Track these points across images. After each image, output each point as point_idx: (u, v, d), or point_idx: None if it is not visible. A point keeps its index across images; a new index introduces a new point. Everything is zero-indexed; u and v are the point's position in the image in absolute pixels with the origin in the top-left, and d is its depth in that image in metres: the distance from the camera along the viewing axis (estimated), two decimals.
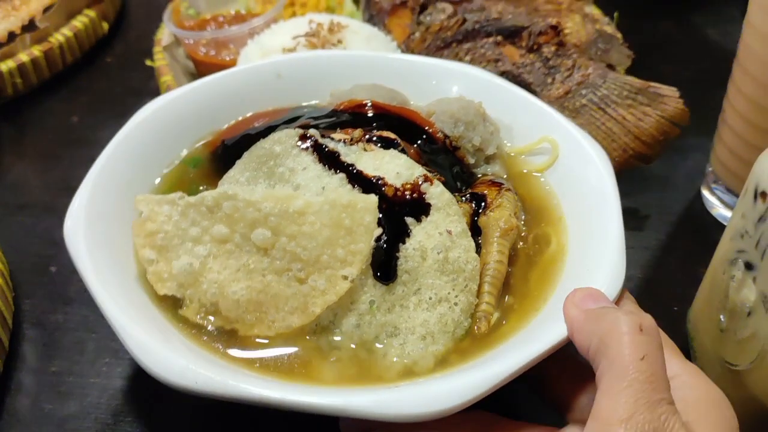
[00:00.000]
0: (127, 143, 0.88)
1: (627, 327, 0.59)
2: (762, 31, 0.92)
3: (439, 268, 0.74)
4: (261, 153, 0.82)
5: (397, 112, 0.91)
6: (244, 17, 1.39)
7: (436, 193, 0.78)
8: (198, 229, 0.73)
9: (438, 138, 0.89)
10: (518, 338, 0.72)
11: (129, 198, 0.80)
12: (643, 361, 0.56)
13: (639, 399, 0.55)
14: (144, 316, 0.71)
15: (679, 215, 1.12)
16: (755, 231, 0.73)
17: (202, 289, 0.72)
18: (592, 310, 0.65)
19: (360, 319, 0.72)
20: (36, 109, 1.38)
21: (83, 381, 0.89)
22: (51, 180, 1.21)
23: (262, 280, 0.72)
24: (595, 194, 0.83)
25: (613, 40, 1.19)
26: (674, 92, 1.07)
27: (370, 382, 0.69)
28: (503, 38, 1.21)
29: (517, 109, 0.98)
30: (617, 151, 1.08)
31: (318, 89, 1.02)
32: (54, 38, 1.41)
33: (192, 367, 0.63)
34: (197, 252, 0.73)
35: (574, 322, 0.65)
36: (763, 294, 0.72)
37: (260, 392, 0.62)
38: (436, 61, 1.06)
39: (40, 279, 1.02)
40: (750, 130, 0.98)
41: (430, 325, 0.73)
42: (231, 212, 0.72)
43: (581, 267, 0.77)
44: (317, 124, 0.88)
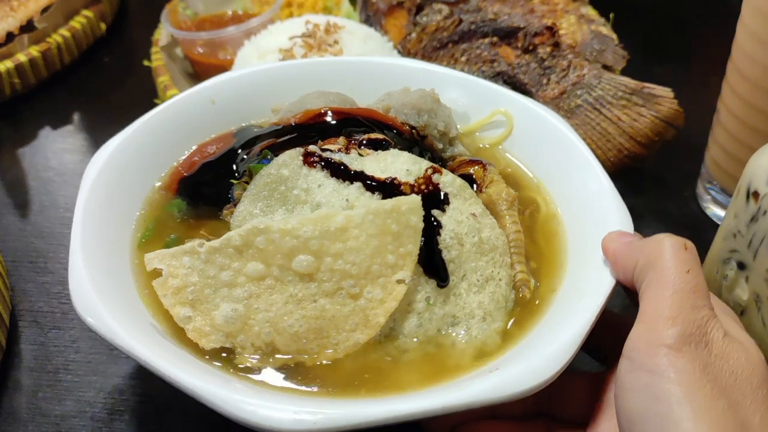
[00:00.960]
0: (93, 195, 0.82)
1: (672, 245, 0.63)
2: (755, 32, 0.93)
3: (477, 251, 0.77)
4: (268, 180, 0.78)
5: (359, 114, 0.91)
6: (242, 18, 1.40)
7: (448, 181, 0.79)
8: (230, 272, 0.70)
9: (405, 131, 0.90)
10: (563, 297, 0.76)
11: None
12: (689, 273, 0.60)
13: (684, 304, 0.59)
14: (207, 373, 0.67)
15: (674, 215, 1.13)
16: (747, 231, 0.73)
17: (253, 332, 0.69)
18: (633, 240, 0.70)
19: (420, 318, 0.73)
20: (34, 109, 1.38)
21: (80, 379, 0.89)
22: (48, 179, 1.21)
23: (315, 305, 0.70)
24: (565, 152, 0.89)
25: (608, 41, 1.19)
26: (668, 93, 1.08)
27: (451, 373, 0.70)
28: (499, 39, 1.22)
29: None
30: (612, 151, 1.08)
31: (255, 108, 1.00)
32: (52, 39, 1.42)
33: (301, 412, 0.60)
34: (236, 295, 0.70)
35: (618, 251, 0.70)
36: (755, 293, 0.73)
37: (369, 412, 0.60)
38: (361, 60, 1.07)
39: (37, 278, 1.03)
40: (744, 130, 0.99)
41: (486, 305, 0.75)
42: (265, 246, 0.70)
43: (581, 222, 0.83)
44: (284, 140, 0.87)
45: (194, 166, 0.90)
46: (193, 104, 0.96)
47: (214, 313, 0.70)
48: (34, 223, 1.12)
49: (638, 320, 0.60)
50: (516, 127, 0.96)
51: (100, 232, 0.78)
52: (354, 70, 1.03)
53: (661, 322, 0.58)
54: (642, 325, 0.59)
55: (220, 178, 0.87)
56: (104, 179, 0.82)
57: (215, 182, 0.87)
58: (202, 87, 0.97)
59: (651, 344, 0.57)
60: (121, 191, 0.85)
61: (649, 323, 0.59)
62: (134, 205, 0.86)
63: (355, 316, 0.70)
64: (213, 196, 0.86)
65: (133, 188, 0.87)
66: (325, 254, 0.69)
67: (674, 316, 0.58)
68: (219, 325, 0.69)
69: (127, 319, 0.68)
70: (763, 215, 0.70)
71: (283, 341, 0.69)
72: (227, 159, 0.89)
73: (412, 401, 0.61)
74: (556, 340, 0.66)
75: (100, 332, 0.66)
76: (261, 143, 0.88)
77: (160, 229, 0.84)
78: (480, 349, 0.73)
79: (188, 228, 0.85)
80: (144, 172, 0.89)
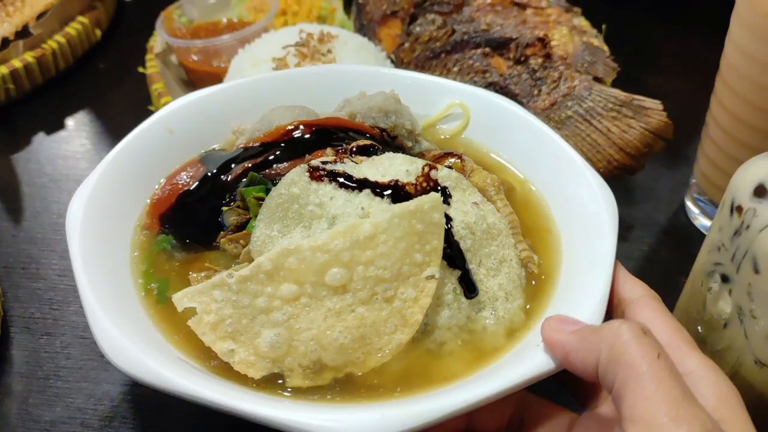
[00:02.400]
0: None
1: (632, 334, 0.60)
2: (742, 47, 0.94)
3: (487, 237, 0.80)
4: (280, 201, 0.77)
5: (329, 124, 0.92)
6: (236, 26, 1.41)
7: (445, 175, 0.81)
8: (264, 298, 0.70)
9: (376, 134, 0.92)
10: (569, 268, 0.82)
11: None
12: (660, 359, 0.58)
13: (674, 396, 0.56)
14: (275, 401, 0.67)
15: (663, 226, 1.14)
16: (731, 244, 0.74)
17: (299, 353, 0.69)
18: (582, 329, 0.67)
19: (451, 309, 0.75)
20: (28, 115, 1.39)
21: (70, 385, 0.90)
22: (42, 185, 1.22)
23: (354, 315, 0.70)
24: (522, 130, 0.97)
25: (599, 53, 1.20)
26: (658, 105, 1.09)
27: (492, 355, 0.74)
28: (491, 49, 1.22)
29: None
30: (602, 162, 1.09)
31: (216, 131, 0.98)
32: (47, 45, 1.43)
33: (387, 415, 0.62)
34: (276, 320, 0.70)
35: (568, 344, 0.66)
36: (738, 306, 0.74)
37: (443, 405, 0.63)
38: (298, 71, 1.08)
39: (29, 284, 1.03)
40: (731, 144, 1.00)
41: (505, 286, 0.79)
42: (296, 266, 0.70)
43: (558, 196, 0.90)
44: (264, 159, 0.87)
45: (170, 199, 0.88)
46: (152, 137, 0.92)
47: (256, 341, 0.69)
48: (27, 229, 1.13)
49: (630, 422, 0.57)
50: (476, 114, 1.02)
51: (106, 280, 0.76)
52: (303, 81, 1.04)
53: (664, 423, 0.55)
54: (640, 427, 0.56)
55: (204, 207, 0.86)
56: (89, 228, 0.79)
57: (199, 212, 0.86)
58: (158, 117, 0.94)
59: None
60: (110, 237, 0.82)
61: (650, 426, 0.56)
62: (125, 249, 0.84)
63: (393, 318, 0.71)
64: (199, 226, 0.85)
65: (118, 232, 0.84)
66: (356, 264, 0.70)
67: (676, 416, 0.55)
68: (265, 352, 0.69)
69: (172, 364, 0.67)
70: (746, 229, 0.71)
71: (329, 356, 0.70)
72: (206, 187, 0.88)
73: (478, 386, 0.65)
74: (579, 308, 0.71)
75: (154, 384, 0.65)
76: (240, 166, 0.87)
77: (157, 270, 0.82)
78: (509, 327, 0.77)
79: (186, 262, 0.83)
80: (123, 213, 0.86)
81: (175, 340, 0.74)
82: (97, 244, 0.78)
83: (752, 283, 0.71)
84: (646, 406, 0.56)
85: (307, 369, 0.70)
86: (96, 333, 0.68)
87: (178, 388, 0.64)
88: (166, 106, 0.96)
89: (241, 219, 0.83)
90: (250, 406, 0.62)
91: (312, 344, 0.69)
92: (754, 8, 0.91)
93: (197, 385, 0.64)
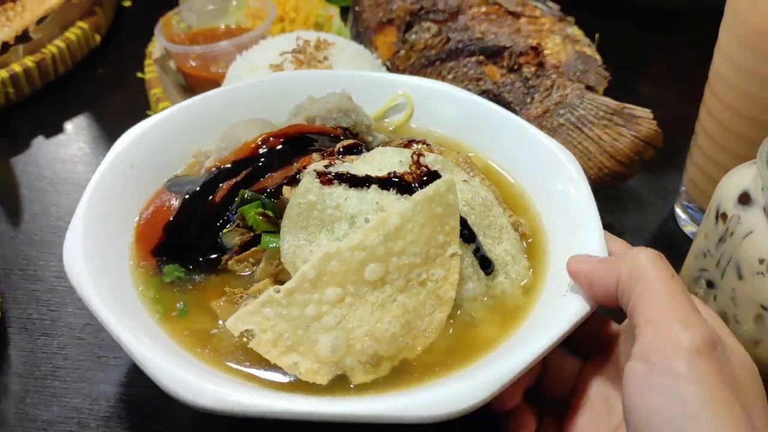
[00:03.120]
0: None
1: (650, 257, 0.67)
2: (730, 57, 0.96)
3: (484, 209, 0.84)
4: (300, 210, 0.78)
5: (296, 131, 0.93)
6: (234, 32, 1.42)
7: (432, 159, 0.85)
8: (313, 305, 0.71)
9: (339, 134, 0.95)
10: (557, 227, 0.88)
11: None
12: (673, 279, 0.65)
13: (686, 308, 0.62)
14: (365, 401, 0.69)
15: (653, 232, 1.16)
16: (716, 251, 0.76)
17: (357, 351, 0.71)
18: (604, 258, 0.74)
19: (472, 281, 0.80)
20: (28, 119, 1.41)
21: (67, 385, 0.91)
22: (41, 189, 1.23)
23: (397, 304, 0.73)
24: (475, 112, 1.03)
25: (592, 62, 1.22)
26: (648, 114, 1.11)
27: (519, 314, 0.80)
28: (485, 58, 1.24)
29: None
30: (593, 169, 1.11)
31: (175, 157, 0.97)
32: (47, 49, 1.44)
33: (465, 388, 0.66)
34: (329, 324, 0.71)
35: (592, 271, 0.72)
36: (723, 311, 0.75)
37: (515, 363, 0.67)
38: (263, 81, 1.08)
39: (26, 285, 1.05)
40: (719, 152, 1.02)
41: (510, 250, 0.84)
42: (338, 268, 0.72)
43: (521, 162, 0.97)
44: (246, 178, 0.87)
45: (155, 233, 0.86)
46: (116, 175, 0.89)
47: (316, 348, 0.71)
48: (26, 231, 1.14)
49: (643, 325, 0.63)
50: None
51: (127, 310, 0.76)
52: (253, 93, 1.05)
53: (674, 326, 0.60)
54: (653, 329, 0.61)
55: (195, 234, 0.86)
56: (93, 271, 0.76)
57: (192, 239, 0.85)
58: (117, 153, 0.90)
59: (670, 348, 0.59)
60: (111, 276, 0.80)
61: (662, 327, 0.61)
62: (128, 283, 0.82)
63: (430, 299, 0.75)
64: (197, 253, 0.85)
65: (117, 270, 0.82)
66: (390, 255, 0.73)
67: (685, 321, 0.60)
68: (326, 357, 0.71)
69: (241, 387, 0.69)
70: (730, 236, 0.73)
71: (384, 347, 0.72)
72: (191, 213, 0.86)
73: (537, 339, 0.69)
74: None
75: (235, 411, 0.65)
76: (224, 186, 0.87)
77: (168, 301, 0.81)
78: (524, 287, 0.83)
79: (201, 290, 0.82)
80: (114, 253, 0.83)
81: (209, 359, 0.74)
82: (107, 286, 0.77)
83: (736, 288, 0.72)
84: (659, 313, 0.62)
85: (367, 364, 0.72)
86: (158, 376, 0.67)
87: (265, 410, 0.64)
88: (122, 139, 0.93)
89: (245, 238, 0.83)
90: (350, 408, 0.64)
91: (367, 340, 0.71)
92: (741, 19, 0.93)
93: (288, 403, 0.65)
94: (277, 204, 0.84)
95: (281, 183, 0.85)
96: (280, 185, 0.85)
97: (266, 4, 1.45)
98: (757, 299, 0.70)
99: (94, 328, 0.98)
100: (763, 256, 0.69)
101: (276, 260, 0.80)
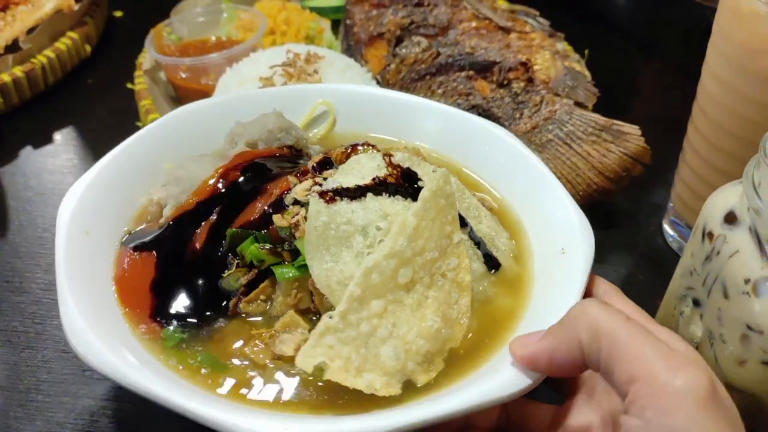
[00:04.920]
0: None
1: (596, 307, 0.64)
2: (717, 75, 0.96)
3: (460, 194, 0.89)
4: (318, 233, 0.77)
5: (245, 160, 0.91)
6: (225, 44, 1.42)
7: (401, 158, 0.87)
8: (365, 322, 0.72)
9: (286, 153, 0.95)
10: (525, 200, 0.95)
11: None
12: (630, 320, 0.62)
13: (660, 348, 0.59)
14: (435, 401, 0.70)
15: (640, 249, 1.16)
16: (702, 270, 0.76)
17: (413, 353, 0.73)
18: (548, 331, 0.68)
19: (474, 262, 0.84)
20: (15, 129, 1.40)
21: (51, 400, 0.90)
22: (27, 199, 1.23)
23: (430, 300, 0.76)
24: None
25: (581, 78, 1.23)
26: (636, 130, 1.11)
27: (521, 280, 0.86)
28: (475, 72, 1.25)
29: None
30: (582, 185, 1.11)
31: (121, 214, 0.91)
32: (37, 59, 1.44)
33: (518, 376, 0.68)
34: (383, 336, 0.72)
35: (546, 350, 0.67)
36: (708, 330, 0.75)
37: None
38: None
39: (12, 297, 1.04)
40: (707, 169, 1.02)
41: (492, 226, 0.90)
42: (378, 280, 0.73)
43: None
44: (221, 216, 0.85)
45: (143, 297, 0.81)
46: (77, 243, 0.82)
47: (380, 362, 0.71)
48: (11, 242, 1.14)
49: (629, 382, 0.59)
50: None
51: (157, 372, 0.73)
52: (178, 125, 1.01)
53: (659, 375, 0.57)
54: (640, 385, 0.58)
55: (190, 285, 0.82)
56: (96, 335, 0.72)
57: (186, 292, 0.82)
58: (68, 221, 0.83)
59: (667, 399, 0.56)
60: (118, 344, 0.74)
61: (647, 380, 0.58)
62: (139, 349, 0.77)
63: (453, 288, 0.79)
64: (197, 305, 0.81)
65: (122, 340, 0.76)
66: (415, 256, 0.76)
67: (670, 365, 0.57)
68: (392, 367, 0.71)
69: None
70: (716, 255, 0.73)
71: (433, 344, 0.74)
72: (176, 266, 0.83)
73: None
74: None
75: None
76: (200, 232, 0.84)
77: (183, 359, 0.77)
78: (513, 256, 0.88)
79: (218, 341, 0.79)
80: (108, 329, 0.76)
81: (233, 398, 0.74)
82: (109, 346, 0.72)
83: (722, 308, 0.72)
84: (640, 364, 0.58)
85: (424, 363, 0.74)
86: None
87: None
88: (66, 202, 0.86)
89: (250, 277, 0.81)
90: (443, 408, 0.66)
91: (419, 340, 0.73)
92: (728, 37, 0.93)
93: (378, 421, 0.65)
94: (270, 234, 0.82)
95: (265, 213, 0.83)
96: (264, 215, 0.83)
97: (257, 16, 1.45)
98: (743, 319, 0.69)
99: None
100: (748, 276, 0.69)
101: (294, 290, 0.80)
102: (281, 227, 0.81)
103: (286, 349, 0.76)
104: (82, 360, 0.70)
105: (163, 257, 0.84)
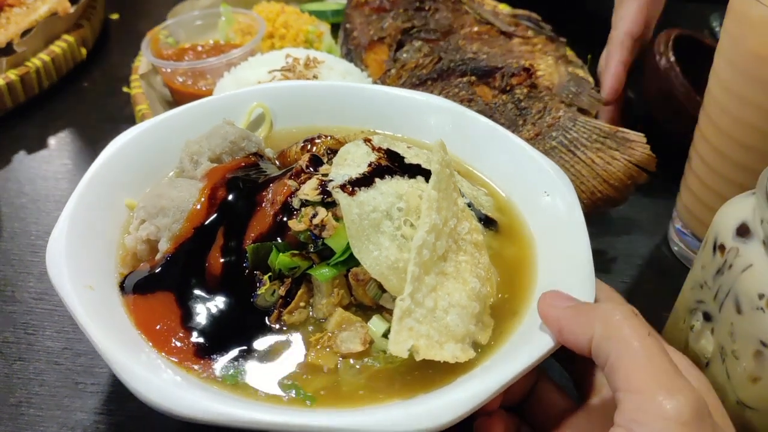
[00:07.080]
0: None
1: (624, 315, 0.64)
2: (725, 82, 0.94)
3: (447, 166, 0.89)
4: (356, 226, 0.77)
5: (223, 176, 0.89)
6: (223, 48, 1.40)
7: (379, 140, 0.91)
8: (428, 298, 0.74)
9: (252, 162, 0.94)
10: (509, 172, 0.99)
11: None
12: (650, 336, 0.62)
13: (667, 369, 0.60)
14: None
15: (645, 258, 1.14)
16: (714, 283, 0.74)
17: (470, 316, 0.76)
18: (576, 305, 0.70)
19: (471, 223, 0.87)
20: (10, 133, 1.38)
21: (43, 413, 0.88)
22: (21, 206, 1.20)
23: (464, 265, 0.80)
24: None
25: (585, 84, 1.21)
26: (641, 138, 1.09)
27: (515, 230, 0.92)
28: (477, 78, 1.23)
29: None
30: (585, 194, 1.09)
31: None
32: (31, 62, 1.41)
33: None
34: (444, 306, 0.75)
35: (562, 320, 0.69)
36: (720, 346, 0.73)
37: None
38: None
39: (4, 307, 1.01)
40: (714, 178, 1.00)
41: (469, 184, 0.96)
42: (428, 256, 0.75)
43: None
44: (228, 237, 0.83)
45: (180, 339, 0.77)
46: (90, 305, 0.75)
47: (452, 330, 0.74)
48: (4, 250, 1.11)
49: (624, 391, 0.60)
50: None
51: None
52: (141, 145, 0.97)
53: (657, 393, 0.57)
54: (634, 397, 0.59)
55: (223, 312, 0.79)
56: (174, 386, 0.69)
57: (224, 324, 0.78)
58: (73, 287, 0.75)
59: (652, 417, 0.57)
60: (193, 386, 0.71)
61: (644, 395, 0.58)
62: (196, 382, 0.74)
63: (473, 249, 0.83)
64: (238, 333, 0.78)
65: (188, 384, 0.72)
66: (444, 226, 0.79)
67: (669, 387, 0.58)
68: (461, 333, 0.74)
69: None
70: (728, 269, 0.71)
71: (478, 304, 0.77)
72: (200, 299, 0.80)
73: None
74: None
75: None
76: (215, 257, 0.82)
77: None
78: (495, 210, 0.94)
79: (274, 359, 0.77)
80: (173, 377, 0.72)
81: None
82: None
83: (734, 323, 0.70)
84: (640, 378, 0.59)
85: (479, 323, 0.77)
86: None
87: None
88: (55, 261, 0.77)
89: (286, 287, 0.80)
90: (514, 367, 0.68)
91: (472, 303, 0.76)
92: (737, 45, 0.92)
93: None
94: (288, 242, 0.81)
95: (277, 221, 0.81)
96: (276, 224, 0.81)
97: (256, 20, 1.43)
98: (757, 335, 0.67)
99: (72, 353, 0.95)
100: (763, 291, 0.67)
101: (335, 288, 0.80)
102: (299, 231, 0.79)
103: (352, 346, 0.77)
104: (176, 416, 0.65)
105: (182, 292, 0.80)
